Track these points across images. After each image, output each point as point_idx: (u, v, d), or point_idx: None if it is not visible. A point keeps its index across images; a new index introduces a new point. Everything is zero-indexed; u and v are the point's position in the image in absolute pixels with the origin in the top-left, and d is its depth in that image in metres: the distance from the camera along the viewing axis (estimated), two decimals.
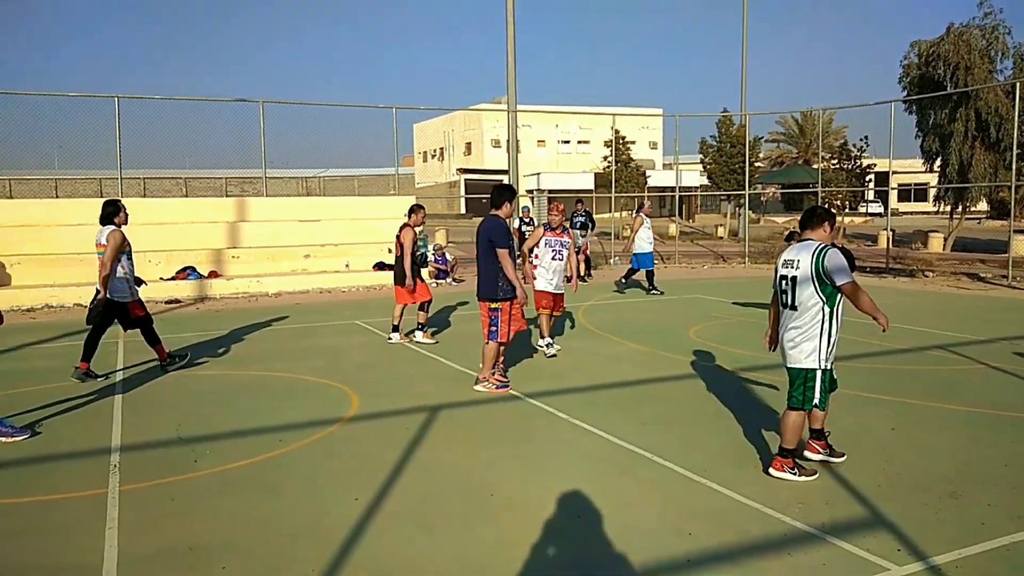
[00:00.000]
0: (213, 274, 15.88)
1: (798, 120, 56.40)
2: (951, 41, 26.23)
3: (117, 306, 7.69)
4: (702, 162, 38.40)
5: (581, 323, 11.23)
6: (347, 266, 17.07)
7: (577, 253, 17.63)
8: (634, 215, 15.74)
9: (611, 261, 21.80)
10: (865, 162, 33.90)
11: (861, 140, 32.28)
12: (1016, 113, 18.24)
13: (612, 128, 28.56)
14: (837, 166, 34.51)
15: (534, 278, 8.74)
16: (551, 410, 6.38)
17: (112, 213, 7.71)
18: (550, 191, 47.29)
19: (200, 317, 12.74)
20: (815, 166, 35.90)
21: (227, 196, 36.32)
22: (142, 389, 7.38)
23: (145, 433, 5.89)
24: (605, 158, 41.52)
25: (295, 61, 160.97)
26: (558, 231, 8.81)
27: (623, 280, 15.44)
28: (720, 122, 36.36)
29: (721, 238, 35.83)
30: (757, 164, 42.52)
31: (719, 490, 4.55)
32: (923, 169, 30.64)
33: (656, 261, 22.55)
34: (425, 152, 70.48)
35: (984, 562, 3.61)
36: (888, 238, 23.75)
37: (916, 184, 48.80)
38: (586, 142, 62.04)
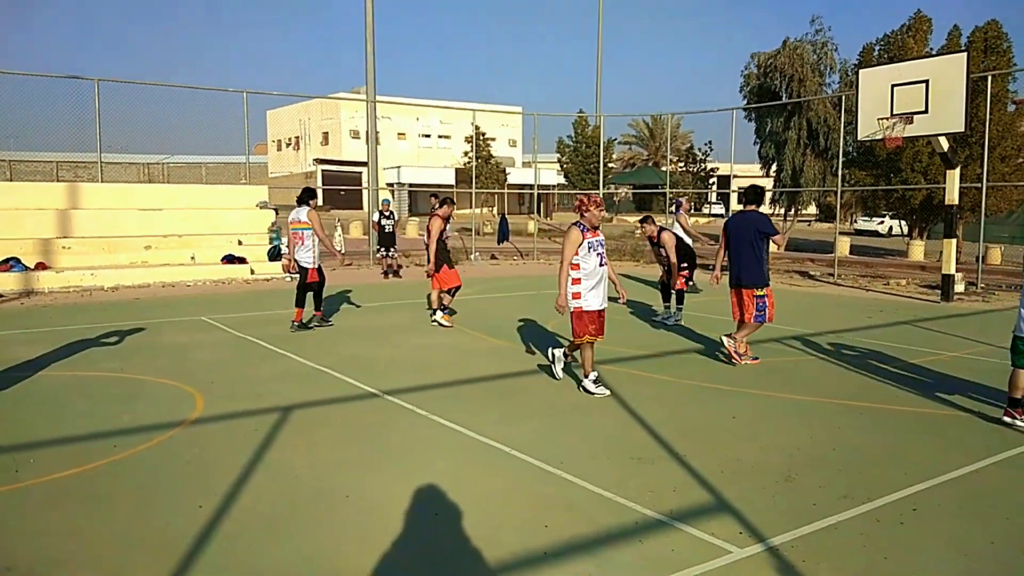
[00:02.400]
0: (40, 266, 14.57)
1: (648, 124, 59.00)
2: (786, 54, 28.19)
3: (303, 270, 9.91)
4: (559, 161, 39.37)
5: (441, 319, 11.15)
6: (192, 258, 16.14)
7: None
8: (674, 213, 14.88)
9: (472, 257, 21.86)
10: (709, 165, 35.95)
11: (706, 145, 34.24)
12: (842, 124, 19.85)
13: (473, 123, 28.62)
14: (684, 168, 36.41)
15: (577, 295, 6.73)
16: (409, 407, 6.29)
17: (310, 197, 10.02)
18: (411, 185, 46.94)
19: (25, 313, 11.65)
20: (664, 168, 37.61)
21: (58, 181, 33.31)
22: None
23: None
24: (466, 153, 41.63)
25: (141, 41, 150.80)
26: (597, 230, 6.86)
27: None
28: (576, 123, 37.44)
29: None
30: (611, 165, 44.09)
31: (574, 481, 4.64)
32: (761, 174, 32.79)
33: (515, 258, 22.89)
34: (279, 141, 67.98)
35: (816, 540, 3.87)
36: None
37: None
38: (447, 137, 62.01)
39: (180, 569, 3.50)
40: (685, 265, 10.88)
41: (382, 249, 17.26)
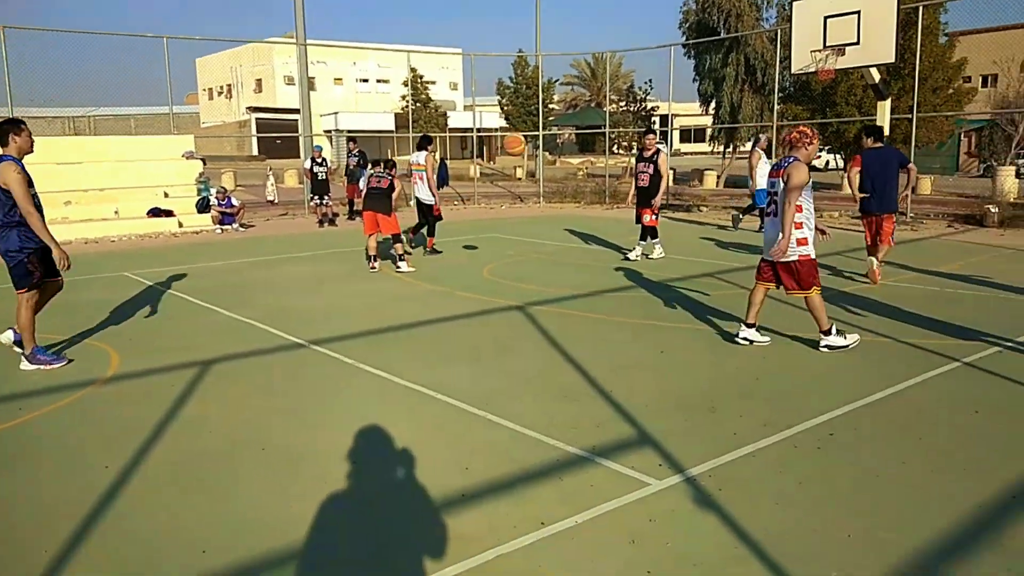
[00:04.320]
0: None
1: (590, 64, 58.39)
2: None
3: (426, 205, 11.65)
4: (500, 104, 38.78)
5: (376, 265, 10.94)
6: (116, 213, 15.50)
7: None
8: (751, 149, 14.28)
9: (411, 203, 21.48)
10: (649, 105, 35.84)
11: (646, 83, 34.02)
12: (778, 59, 19.86)
13: (409, 66, 27.92)
14: (625, 108, 36.22)
15: (803, 241, 5.91)
16: (335, 355, 6.15)
17: (428, 143, 11.66)
18: (349, 131, 45.80)
19: None
20: (606, 109, 37.38)
21: None
22: None
23: None
24: (403, 97, 40.70)
25: None
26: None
27: (739, 216, 14.77)
28: (516, 63, 36.80)
29: (519, 179, 36.54)
30: (552, 106, 43.65)
31: (498, 422, 4.59)
32: (700, 112, 32.82)
33: (456, 203, 22.62)
34: (210, 89, 65.51)
35: (733, 468, 3.89)
36: (669, 176, 25.28)
37: (695, 126, 52.40)
38: (385, 81, 60.46)
39: (79, 533, 3.35)
40: (655, 201, 10.72)
41: (316, 197, 16.83)
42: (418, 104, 39.03)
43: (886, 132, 14.16)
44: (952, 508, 3.42)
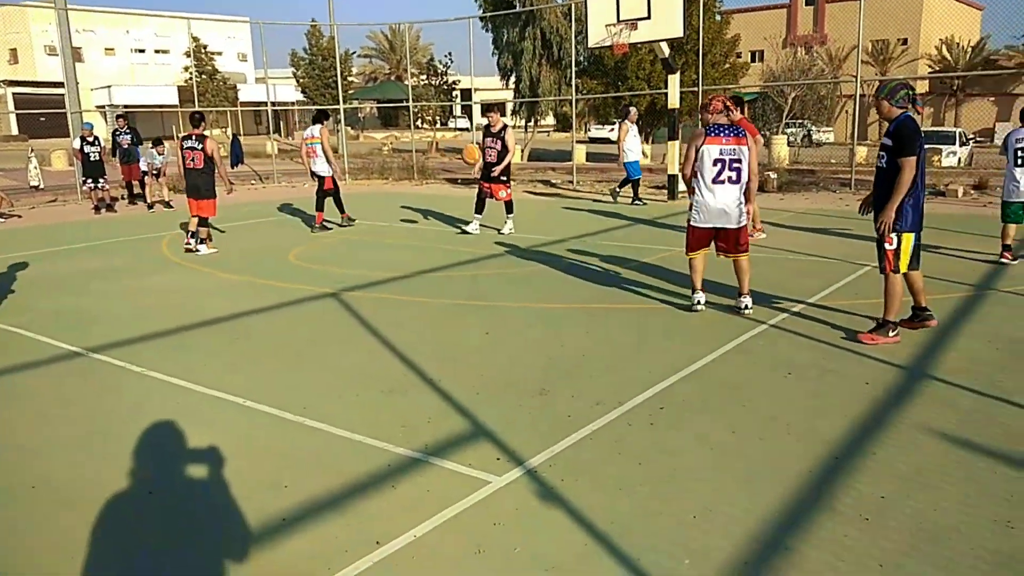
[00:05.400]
0: None
1: (388, 36, 57.26)
2: None
3: (320, 179, 11.49)
4: (295, 76, 37.01)
5: (164, 254, 9.91)
6: None
7: (158, 176, 15.71)
8: (620, 123, 14.65)
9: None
10: (451, 79, 35.70)
11: (446, 56, 33.79)
12: (573, 33, 20.29)
13: (190, 34, 25.75)
14: (426, 82, 35.83)
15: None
16: (119, 363, 5.36)
17: (324, 117, 11.67)
18: (126, 106, 41.78)
19: None
20: (407, 82, 36.72)
21: None
22: None
23: None
24: (187, 69, 37.70)
25: None
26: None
27: (617, 189, 14.85)
28: (310, 33, 35.22)
29: None
30: (351, 79, 42.31)
31: (318, 427, 4.15)
32: (501, 86, 33.11)
33: (253, 182, 21.25)
34: None
35: (573, 455, 3.75)
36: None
37: (496, 100, 53.08)
38: (165, 51, 55.74)
39: None
40: (505, 178, 10.73)
41: (90, 180, 15.02)
42: (204, 76, 36.34)
43: (676, 104, 14.87)
44: (785, 474, 3.48)
